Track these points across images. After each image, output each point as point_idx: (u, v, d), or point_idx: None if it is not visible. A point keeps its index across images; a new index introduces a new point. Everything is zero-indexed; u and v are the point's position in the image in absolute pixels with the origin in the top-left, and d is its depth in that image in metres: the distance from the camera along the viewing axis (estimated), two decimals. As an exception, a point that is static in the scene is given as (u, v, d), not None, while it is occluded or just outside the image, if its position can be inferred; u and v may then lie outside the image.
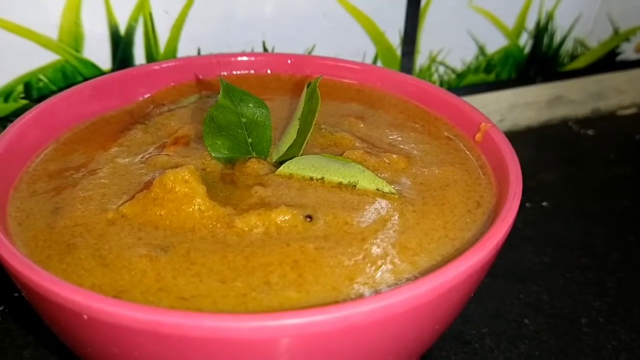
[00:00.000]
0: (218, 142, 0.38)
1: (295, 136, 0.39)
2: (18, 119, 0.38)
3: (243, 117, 0.37)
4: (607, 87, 0.70)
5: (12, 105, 0.47)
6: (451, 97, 0.43)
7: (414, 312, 0.27)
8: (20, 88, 0.46)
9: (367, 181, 0.36)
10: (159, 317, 0.24)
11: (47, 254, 0.31)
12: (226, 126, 0.37)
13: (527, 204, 0.56)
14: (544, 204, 0.57)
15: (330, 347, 0.26)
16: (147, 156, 0.38)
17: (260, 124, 0.38)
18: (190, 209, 0.33)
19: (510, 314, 0.45)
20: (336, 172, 0.36)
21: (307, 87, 0.40)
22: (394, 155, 0.39)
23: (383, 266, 0.31)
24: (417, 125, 0.43)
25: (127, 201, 0.34)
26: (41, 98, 0.47)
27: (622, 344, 0.43)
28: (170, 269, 0.30)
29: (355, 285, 0.30)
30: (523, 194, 0.57)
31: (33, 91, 0.47)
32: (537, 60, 0.64)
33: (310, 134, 0.38)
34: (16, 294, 0.44)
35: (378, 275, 0.30)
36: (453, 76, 0.61)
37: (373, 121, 0.44)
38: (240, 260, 0.31)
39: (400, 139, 0.42)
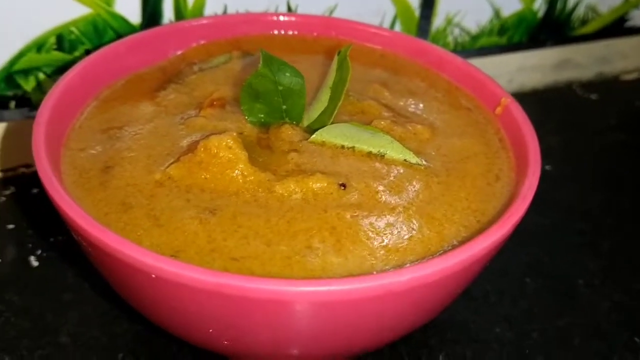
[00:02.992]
0: (254, 107, 0.40)
1: (326, 104, 0.41)
2: (62, 77, 0.40)
3: (280, 85, 0.39)
4: (613, 51, 0.73)
5: (44, 57, 0.48)
6: (473, 69, 0.45)
7: (442, 281, 0.30)
8: (53, 40, 0.47)
9: (395, 152, 0.38)
10: (225, 279, 0.27)
11: (105, 212, 0.33)
12: (263, 93, 0.39)
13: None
14: (547, 167, 0.60)
15: (369, 310, 0.29)
16: (185, 117, 0.40)
17: (296, 92, 0.39)
18: (234, 174, 0.35)
19: (513, 273, 0.48)
20: (366, 142, 0.38)
21: (338, 55, 0.42)
22: (418, 126, 0.41)
23: (412, 235, 0.34)
24: (438, 95, 0.45)
25: (172, 163, 0.36)
26: (72, 50, 0.48)
27: (614, 305, 0.47)
28: (220, 230, 0.33)
29: (388, 253, 0.33)
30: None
31: (65, 43, 0.48)
32: (548, 24, 0.66)
33: (341, 102, 0.40)
34: (52, 239, 0.47)
35: (408, 244, 0.33)
36: (467, 38, 0.63)
37: (397, 89, 0.46)
38: (283, 224, 0.33)
39: (423, 108, 0.44)
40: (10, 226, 0.48)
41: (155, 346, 0.40)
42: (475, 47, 0.64)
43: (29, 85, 0.48)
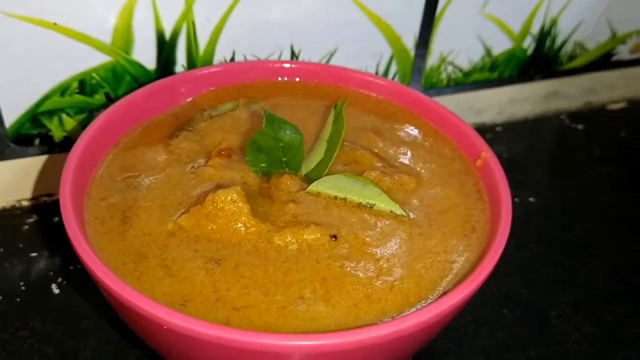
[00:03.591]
0: (258, 158, 0.44)
1: (323, 155, 0.45)
2: (86, 129, 0.44)
3: (281, 142, 0.43)
4: (600, 83, 0.76)
5: (67, 99, 0.52)
6: (459, 120, 0.49)
7: (418, 333, 0.34)
8: (75, 85, 0.52)
9: (383, 203, 0.43)
10: (224, 334, 0.32)
11: (123, 262, 0.38)
12: (266, 148, 0.44)
13: (515, 199, 0.63)
14: (531, 199, 0.64)
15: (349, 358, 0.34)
16: (196, 166, 0.45)
17: (295, 147, 0.44)
18: (237, 226, 0.40)
19: (492, 305, 0.53)
20: (357, 193, 0.43)
21: (334, 109, 0.46)
22: (405, 177, 0.45)
23: (394, 286, 0.38)
24: (426, 143, 0.50)
25: (183, 213, 0.41)
26: (93, 93, 0.53)
27: (584, 336, 0.51)
28: (224, 280, 0.37)
29: (371, 304, 0.37)
30: (513, 189, 0.64)
31: (86, 87, 0.52)
32: (538, 60, 0.70)
33: (336, 154, 0.45)
34: (71, 267, 0.52)
35: (389, 295, 0.38)
36: (460, 74, 0.67)
37: (389, 137, 0.50)
38: (279, 275, 0.38)
39: (411, 156, 0.48)
40: (33, 254, 0.53)
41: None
42: (467, 82, 0.68)
43: (52, 124, 0.53)
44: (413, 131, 0.51)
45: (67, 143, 0.54)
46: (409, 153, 0.49)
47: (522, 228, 0.61)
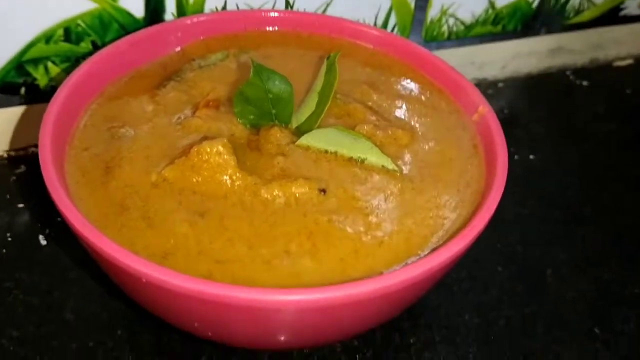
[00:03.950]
0: (246, 110, 0.43)
1: (314, 108, 0.43)
2: (68, 77, 0.43)
3: (270, 93, 0.42)
4: (607, 38, 0.74)
5: (52, 47, 0.51)
6: (456, 74, 0.47)
7: (405, 290, 0.33)
8: (60, 32, 0.50)
9: (374, 158, 0.41)
10: (202, 286, 0.31)
11: (104, 213, 0.37)
12: (254, 99, 0.42)
13: (515, 157, 0.62)
14: (531, 157, 0.62)
15: (333, 314, 0.33)
16: (182, 117, 0.44)
17: (284, 99, 0.42)
18: (223, 178, 0.39)
19: (487, 261, 0.52)
20: (348, 147, 0.41)
21: (327, 60, 0.44)
22: (399, 131, 0.44)
23: (383, 242, 0.37)
24: (422, 97, 0.48)
25: (167, 165, 0.39)
26: (79, 41, 0.51)
27: (580, 295, 0.50)
28: (207, 233, 0.36)
29: (359, 259, 0.36)
30: (513, 146, 0.63)
31: (72, 35, 0.51)
32: (543, 14, 0.67)
33: (327, 106, 0.43)
34: (59, 218, 0.51)
35: (378, 250, 0.37)
36: (462, 28, 0.65)
37: (384, 90, 0.48)
38: (265, 228, 0.37)
39: (406, 110, 0.47)
40: (20, 205, 0.52)
41: (151, 323, 0.44)
42: (469, 35, 0.65)
43: (38, 73, 0.51)
44: (409, 84, 0.49)
45: (54, 92, 0.53)
46: (403, 106, 0.47)
47: (521, 185, 0.59)
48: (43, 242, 0.49)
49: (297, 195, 0.39)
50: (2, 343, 0.42)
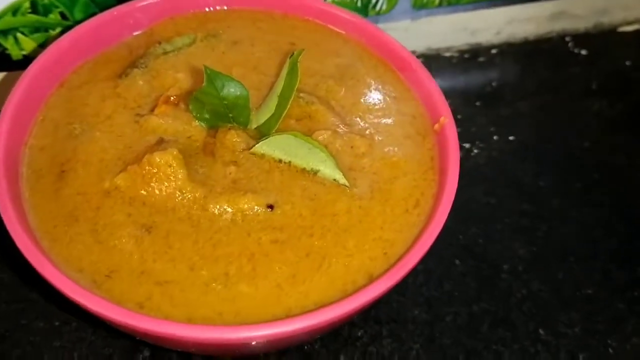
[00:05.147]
0: (202, 113, 0.43)
1: (274, 110, 0.43)
2: (28, 68, 0.43)
3: (225, 100, 0.41)
4: (613, 2, 0.70)
5: (20, 19, 0.50)
6: (426, 75, 0.46)
7: (332, 322, 0.35)
8: (27, 5, 0.49)
9: (327, 170, 0.41)
10: (130, 320, 0.33)
11: (54, 224, 0.38)
12: (209, 105, 0.42)
13: (495, 137, 0.61)
14: (511, 137, 0.61)
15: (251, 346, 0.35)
16: (141, 114, 0.44)
17: (240, 105, 0.42)
18: (172, 190, 0.39)
19: (446, 255, 0.53)
20: (302, 157, 0.42)
21: (290, 58, 0.43)
22: (357, 138, 0.43)
23: (321, 266, 0.38)
24: (389, 96, 0.47)
25: (121, 171, 0.40)
26: (47, 13, 0.50)
27: (530, 294, 0.51)
28: (152, 251, 0.38)
29: (295, 285, 0.37)
30: (494, 125, 0.61)
31: (39, 7, 0.50)
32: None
33: (287, 110, 0.43)
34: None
35: (315, 276, 0.38)
36: (454, -5, 0.62)
37: (351, 85, 0.47)
38: (208, 247, 0.38)
39: (370, 111, 0.46)
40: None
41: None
42: (462, 1, 0.63)
43: (8, 43, 0.51)
44: (378, 79, 0.48)
45: (26, 62, 0.52)
46: (367, 107, 0.46)
47: (495, 170, 0.59)
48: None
49: (244, 210, 0.39)
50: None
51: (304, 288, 0.37)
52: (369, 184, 0.42)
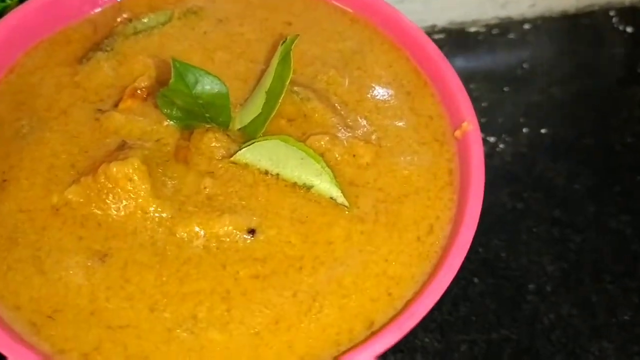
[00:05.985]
0: (174, 112, 0.35)
1: (260, 109, 0.36)
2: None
3: (199, 99, 0.34)
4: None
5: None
6: (447, 68, 0.38)
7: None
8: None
9: (322, 186, 0.34)
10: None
11: (-11, 249, 0.32)
12: (181, 104, 0.35)
13: (524, 129, 0.53)
14: (543, 130, 0.54)
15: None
16: (103, 110, 0.36)
17: (219, 105, 0.35)
18: (133, 209, 0.33)
19: (463, 271, 0.46)
20: (293, 169, 0.34)
21: (282, 45, 0.36)
22: (361, 145, 0.36)
23: (310, 310, 0.31)
24: (401, 92, 0.39)
25: (73, 183, 0.33)
26: (2, -21, 0.43)
27: (558, 319, 0.45)
28: (105, 287, 0.31)
29: (277, 333, 0.31)
30: (524, 116, 0.54)
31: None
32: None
33: (276, 109, 0.35)
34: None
35: (303, 321, 0.31)
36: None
37: (357, 76, 0.40)
38: (174, 283, 0.31)
39: (377, 109, 0.38)
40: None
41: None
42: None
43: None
44: (389, 70, 0.40)
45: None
46: (376, 104, 0.39)
47: (523, 169, 0.52)
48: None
49: (219, 236, 0.33)
50: None
51: (288, 337, 0.31)
52: (373, 204, 0.35)
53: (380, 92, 0.39)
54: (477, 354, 0.43)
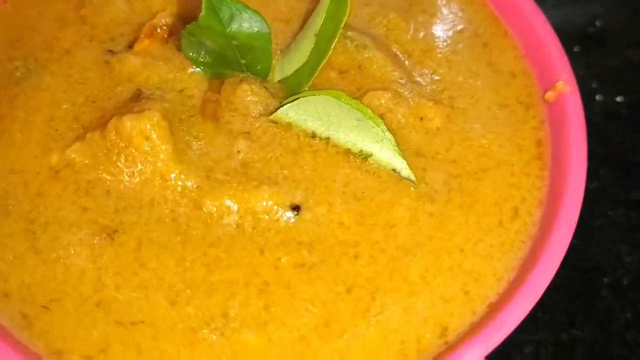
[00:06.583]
0: (201, 56, 0.29)
1: (307, 56, 0.29)
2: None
3: (235, 40, 0.28)
4: None
5: None
6: (536, 14, 0.31)
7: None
8: None
9: (382, 155, 0.28)
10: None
11: (-25, 220, 0.26)
12: (211, 46, 0.28)
13: (597, 97, 0.46)
14: (618, 99, 0.47)
15: None
16: (115, 51, 0.30)
17: (258, 47, 0.28)
18: (150, 174, 0.26)
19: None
20: (347, 133, 0.28)
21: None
22: (430, 105, 0.29)
23: (368, 310, 0.25)
24: (477, 40, 0.32)
25: (76, 140, 0.27)
26: None
27: (637, 318, 0.39)
28: (113, 272, 0.25)
29: (327, 338, 0.24)
30: (596, 80, 0.47)
31: None
32: None
33: (327, 56, 0.29)
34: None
35: (358, 325, 0.25)
36: None
37: (422, 21, 0.33)
38: (200, 269, 0.25)
39: (450, 61, 0.32)
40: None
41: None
42: None
43: None
44: (462, 15, 0.33)
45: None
46: (446, 56, 0.32)
47: (596, 144, 0.44)
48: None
49: (257, 212, 0.26)
50: None
51: (340, 345, 0.25)
52: (445, 180, 0.28)
53: (451, 42, 0.32)
54: (544, 357, 0.37)
